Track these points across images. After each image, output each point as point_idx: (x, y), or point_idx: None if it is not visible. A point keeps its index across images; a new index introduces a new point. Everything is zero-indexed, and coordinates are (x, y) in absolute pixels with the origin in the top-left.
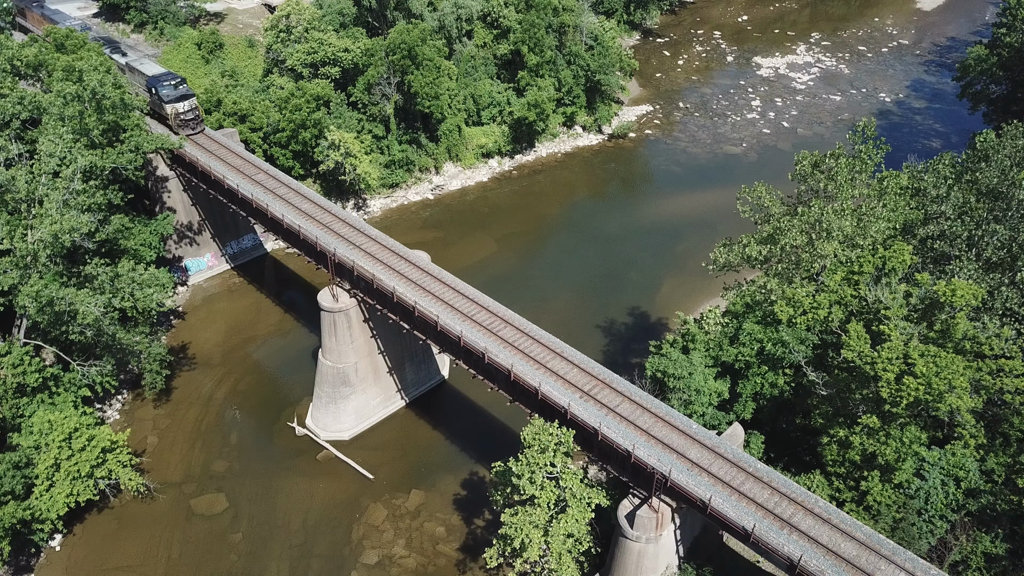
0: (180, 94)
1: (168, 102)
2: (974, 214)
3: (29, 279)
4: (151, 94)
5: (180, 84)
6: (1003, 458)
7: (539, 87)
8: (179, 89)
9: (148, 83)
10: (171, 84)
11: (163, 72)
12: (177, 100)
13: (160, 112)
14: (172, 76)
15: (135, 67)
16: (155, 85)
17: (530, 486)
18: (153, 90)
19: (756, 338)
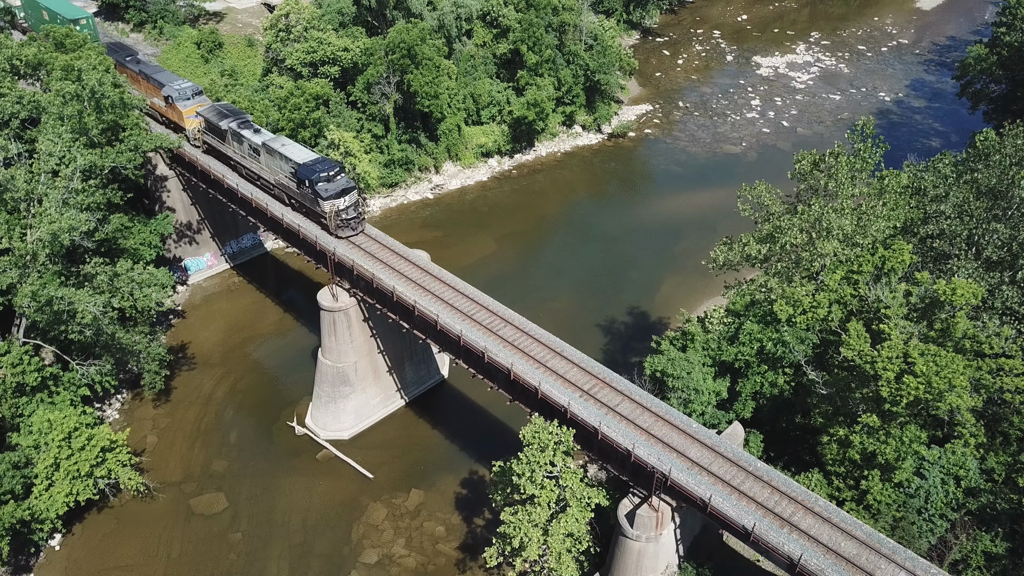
0: (340, 188)
1: (327, 198)
2: (974, 213)
3: (28, 278)
4: (300, 185)
5: (338, 174)
6: (1003, 457)
7: (538, 86)
8: (338, 181)
9: (298, 173)
10: (327, 175)
11: (315, 158)
12: (337, 196)
13: (312, 208)
14: (327, 163)
15: (275, 149)
16: (308, 177)
17: (530, 485)
18: (305, 182)
19: (756, 337)
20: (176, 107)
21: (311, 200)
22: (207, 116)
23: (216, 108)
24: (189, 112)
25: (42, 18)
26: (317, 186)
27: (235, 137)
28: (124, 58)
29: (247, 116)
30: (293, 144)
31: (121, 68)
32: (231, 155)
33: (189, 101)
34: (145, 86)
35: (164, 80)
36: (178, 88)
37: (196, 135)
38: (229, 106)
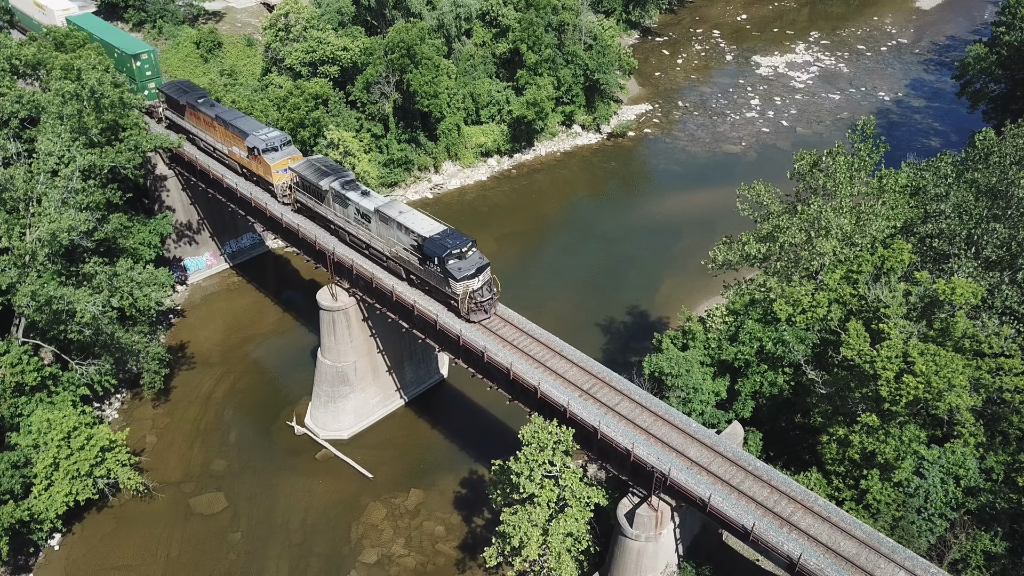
0: (475, 266)
1: (460, 279)
2: (973, 213)
3: (27, 278)
4: (426, 262)
5: (471, 248)
6: (1003, 456)
7: (538, 86)
8: (471, 257)
9: (424, 247)
10: (460, 251)
11: (443, 230)
12: (472, 275)
13: (439, 288)
14: (457, 238)
15: (392, 217)
16: (437, 254)
17: (529, 484)
18: (434, 260)
19: (756, 337)
20: (262, 160)
21: (439, 279)
22: (302, 173)
23: (312, 164)
24: (278, 166)
25: None
26: (448, 264)
27: (338, 199)
28: (195, 100)
29: (349, 173)
30: (412, 211)
31: (193, 112)
32: (331, 218)
33: (277, 153)
34: (222, 133)
35: (247, 128)
36: (264, 138)
37: (286, 192)
38: (327, 161)
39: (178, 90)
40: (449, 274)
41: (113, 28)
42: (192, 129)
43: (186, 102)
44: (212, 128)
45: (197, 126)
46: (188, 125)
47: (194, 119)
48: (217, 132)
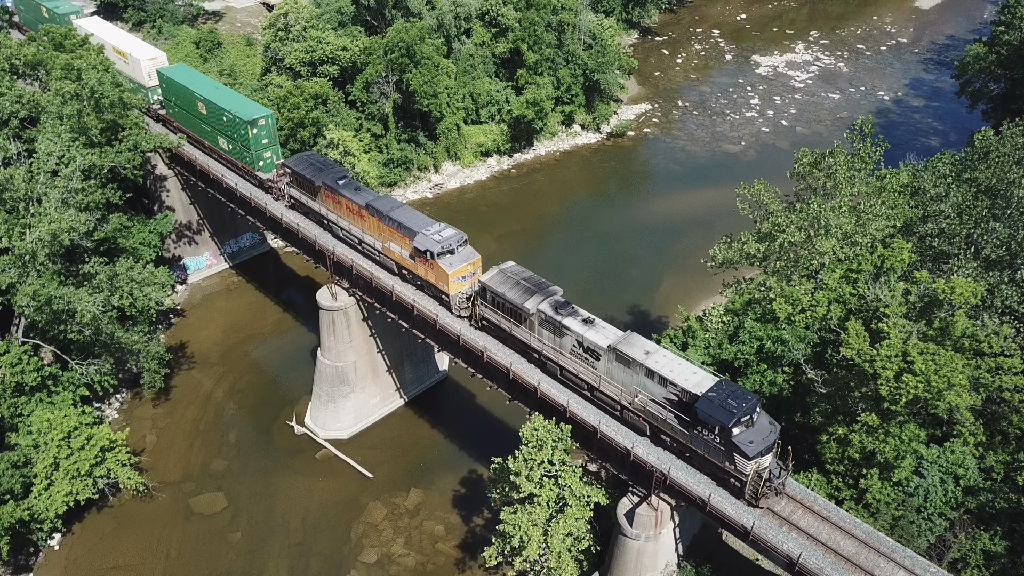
0: (768, 438)
1: (753, 456)
2: (973, 212)
3: (27, 278)
4: (696, 426)
5: (755, 409)
6: (1002, 456)
7: (538, 85)
8: (760, 423)
9: (699, 410)
10: (748, 417)
11: (717, 383)
12: (766, 450)
13: (715, 460)
14: (740, 395)
15: (635, 360)
16: (719, 421)
17: (528, 483)
18: (713, 428)
19: (755, 336)
20: (436, 265)
21: (715, 451)
22: (495, 288)
23: (508, 275)
24: (458, 274)
25: (196, 109)
26: (735, 436)
27: (548, 324)
28: (335, 181)
29: (557, 291)
30: (663, 351)
31: (332, 195)
32: (536, 346)
33: (455, 257)
34: (375, 226)
35: (412, 224)
36: (438, 238)
37: (463, 306)
38: (525, 272)
39: (310, 167)
40: (737, 449)
41: (218, 84)
42: (328, 214)
43: (323, 183)
44: (359, 218)
45: (337, 212)
46: (323, 209)
47: (333, 204)
48: (367, 223)
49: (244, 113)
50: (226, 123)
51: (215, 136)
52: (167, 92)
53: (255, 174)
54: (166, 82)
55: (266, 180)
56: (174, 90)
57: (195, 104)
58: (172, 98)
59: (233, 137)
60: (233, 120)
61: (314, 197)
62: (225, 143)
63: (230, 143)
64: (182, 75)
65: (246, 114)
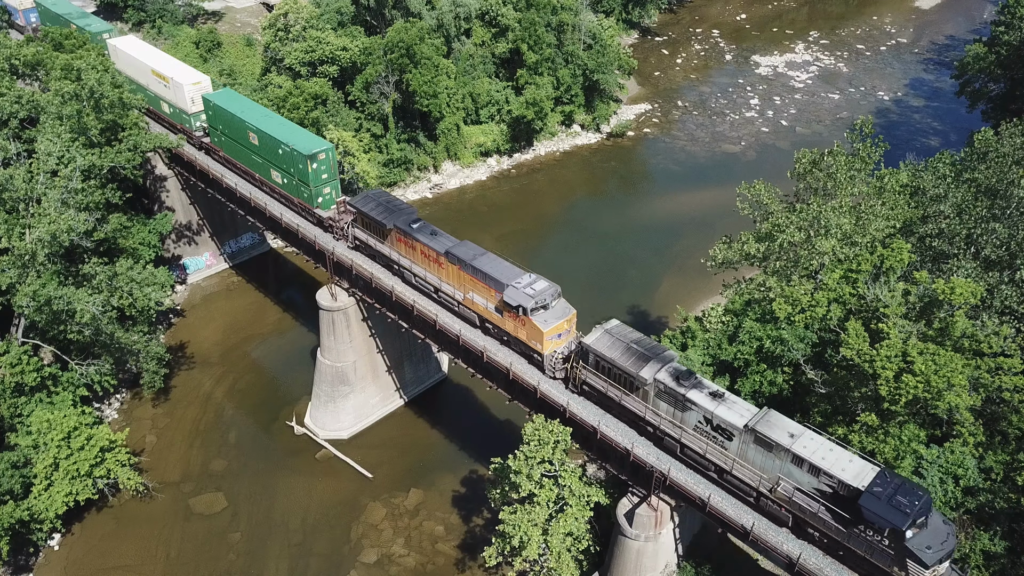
0: (945, 536)
1: (931, 565)
2: (973, 212)
3: (27, 278)
4: (857, 525)
5: (925, 503)
6: (1002, 456)
7: (537, 85)
8: (934, 522)
9: (864, 508)
10: (923, 516)
11: (879, 472)
12: (946, 556)
13: (875, 560)
14: (911, 492)
15: (777, 443)
16: (889, 523)
17: (528, 483)
18: (881, 529)
19: (755, 336)
20: (529, 322)
21: (885, 556)
22: (601, 352)
23: (616, 338)
24: (553, 332)
25: (246, 139)
26: (909, 539)
27: (667, 396)
28: (408, 224)
29: (673, 356)
30: (812, 435)
31: (404, 239)
32: (652, 420)
33: (548, 312)
34: (455, 274)
35: (499, 275)
36: (531, 292)
37: (555, 364)
38: (635, 334)
39: (379, 207)
40: (912, 556)
41: (269, 113)
42: (399, 259)
43: (394, 226)
44: (436, 265)
45: (410, 257)
46: (393, 253)
47: (405, 248)
48: (445, 271)
49: (303, 147)
50: (282, 156)
51: (267, 169)
52: (213, 119)
53: (313, 211)
54: (212, 109)
55: (326, 219)
56: (221, 118)
57: (245, 134)
58: (219, 126)
59: (289, 171)
60: (291, 154)
61: (383, 239)
62: (279, 177)
63: (285, 177)
64: (230, 102)
65: (305, 148)
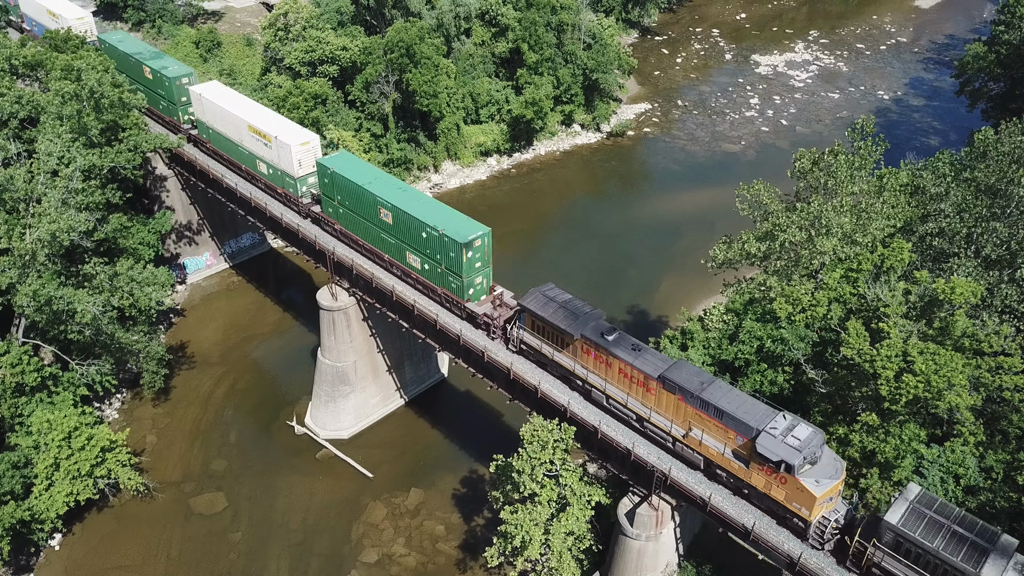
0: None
1: (820, 495)
2: (973, 211)
3: (27, 278)
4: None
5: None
6: (1002, 455)
7: (537, 85)
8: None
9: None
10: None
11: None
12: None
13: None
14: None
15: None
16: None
17: (530, 482)
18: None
19: (755, 336)
20: (794, 482)
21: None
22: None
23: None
24: (825, 495)
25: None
26: (799, 474)
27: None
28: (599, 334)
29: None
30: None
31: (600, 354)
32: (579, 372)
33: (816, 469)
34: (672, 403)
35: (739, 412)
36: (795, 443)
37: (825, 535)
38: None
39: (559, 311)
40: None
41: (404, 186)
42: (587, 375)
43: (581, 335)
44: (644, 390)
45: (602, 375)
46: (577, 366)
47: (595, 362)
48: (659, 400)
49: (457, 232)
50: (425, 240)
51: (402, 251)
52: (328, 188)
53: (462, 304)
54: (329, 177)
55: (480, 315)
56: (341, 187)
57: (374, 209)
58: (336, 196)
59: (434, 258)
60: (439, 239)
61: (562, 348)
62: (418, 261)
63: (427, 263)
64: (352, 169)
65: (460, 234)
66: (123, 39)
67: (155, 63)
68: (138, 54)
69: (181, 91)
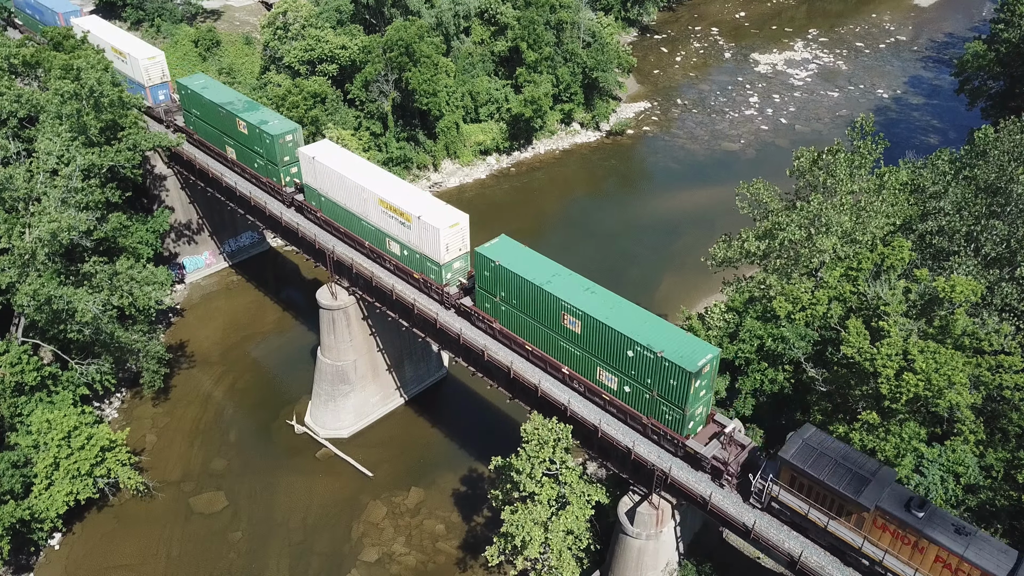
0: None
1: None
2: (973, 210)
3: (27, 277)
4: None
5: None
6: (1002, 454)
7: (536, 84)
8: None
9: None
10: None
11: None
12: None
13: None
14: None
15: None
16: None
17: (529, 482)
18: None
19: (756, 334)
20: None
21: None
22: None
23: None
24: None
25: (564, 331)
26: None
27: None
28: (903, 507)
29: None
30: None
31: (896, 529)
32: None
33: None
34: None
35: None
36: None
37: None
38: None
39: (839, 469)
40: None
41: (601, 292)
42: (883, 556)
43: (877, 507)
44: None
45: (910, 560)
46: (867, 544)
47: (904, 547)
48: None
49: (682, 358)
50: (632, 360)
51: (591, 366)
52: (489, 281)
53: (680, 440)
54: (491, 270)
55: (707, 458)
56: (507, 283)
57: (556, 315)
58: (498, 291)
59: (642, 381)
60: (656, 362)
61: (842, 516)
62: (615, 382)
63: (628, 384)
64: (522, 263)
65: (687, 360)
66: (207, 85)
67: (251, 116)
68: (228, 104)
69: (285, 150)
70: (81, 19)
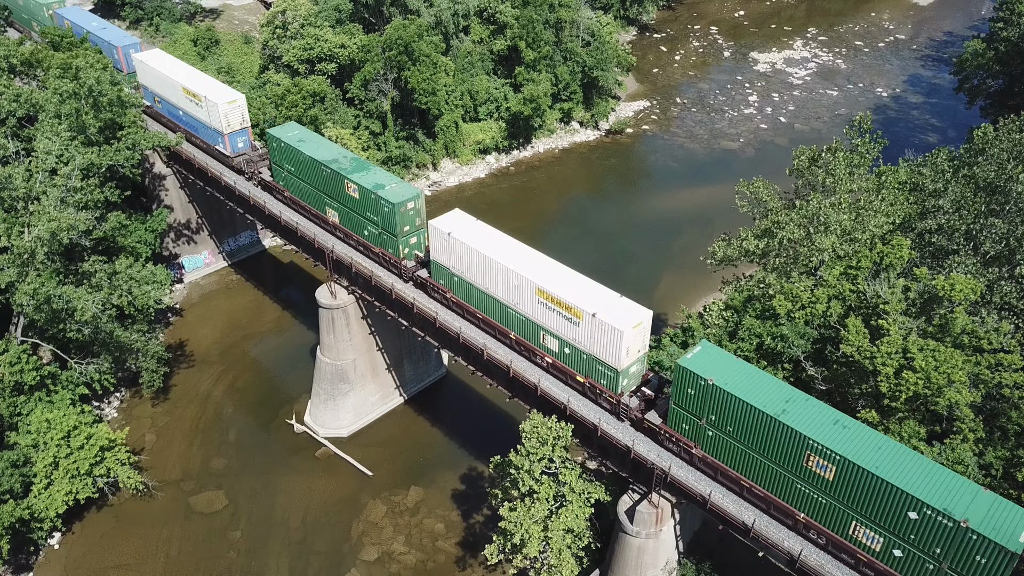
0: None
1: None
2: (972, 208)
3: (26, 277)
4: None
5: None
6: (1001, 452)
7: (536, 83)
8: None
9: None
10: None
11: None
12: None
13: None
14: None
15: None
16: None
17: (528, 479)
18: None
19: (755, 333)
20: None
21: None
22: None
23: None
24: None
25: None
26: None
27: None
28: None
29: None
30: None
31: None
32: None
33: None
34: None
35: None
36: None
37: None
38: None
39: None
40: None
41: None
42: None
43: None
44: None
45: None
46: None
47: None
48: None
49: None
50: None
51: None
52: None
53: None
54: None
55: None
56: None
57: None
58: None
59: None
60: None
61: None
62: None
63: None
64: (751, 390)
65: None
66: (304, 137)
67: (363, 178)
68: (333, 163)
69: (406, 219)
70: (143, 54)
